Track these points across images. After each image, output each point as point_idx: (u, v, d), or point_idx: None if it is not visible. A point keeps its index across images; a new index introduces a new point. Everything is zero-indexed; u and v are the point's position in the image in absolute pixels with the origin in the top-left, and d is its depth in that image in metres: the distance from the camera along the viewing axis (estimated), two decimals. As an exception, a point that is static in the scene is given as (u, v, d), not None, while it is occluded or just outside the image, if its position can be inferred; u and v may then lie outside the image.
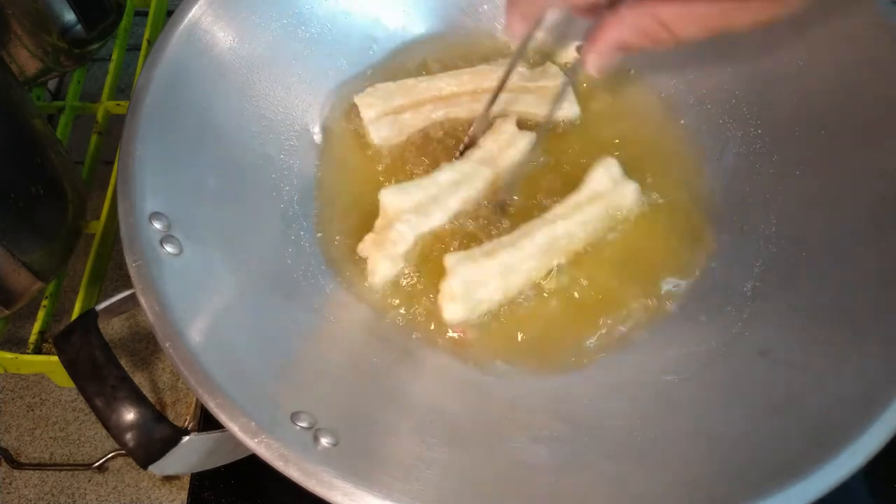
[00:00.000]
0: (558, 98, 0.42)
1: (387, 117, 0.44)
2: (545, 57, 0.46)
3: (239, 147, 0.40)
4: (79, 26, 0.46)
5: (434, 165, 0.42)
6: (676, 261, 0.41)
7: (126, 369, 0.32)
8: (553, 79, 0.45)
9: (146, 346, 0.49)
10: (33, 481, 0.45)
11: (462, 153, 0.42)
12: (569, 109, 0.44)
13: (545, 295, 0.39)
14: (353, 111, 0.44)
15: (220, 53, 0.40)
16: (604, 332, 0.39)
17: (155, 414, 0.31)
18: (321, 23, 0.44)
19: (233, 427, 0.28)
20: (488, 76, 0.44)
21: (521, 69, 0.45)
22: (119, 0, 0.50)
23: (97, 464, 0.44)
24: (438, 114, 0.44)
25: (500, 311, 0.39)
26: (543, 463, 0.33)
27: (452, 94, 0.44)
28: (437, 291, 0.38)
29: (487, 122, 0.42)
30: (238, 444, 0.28)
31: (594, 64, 0.32)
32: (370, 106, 0.43)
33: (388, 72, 0.46)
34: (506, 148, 0.42)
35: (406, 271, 0.39)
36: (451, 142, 0.44)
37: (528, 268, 0.39)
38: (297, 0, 0.43)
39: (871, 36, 0.38)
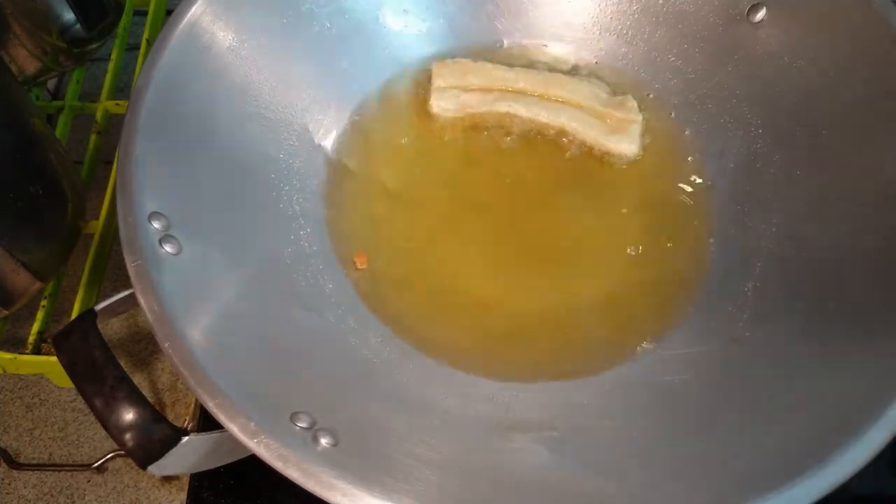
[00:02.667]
0: (621, 132, 0.42)
1: (453, 90, 0.44)
2: (628, 88, 0.46)
3: (239, 147, 0.40)
4: (78, 26, 0.46)
5: (474, 152, 0.44)
6: (677, 262, 0.41)
7: (125, 370, 0.31)
8: (627, 112, 0.44)
9: (146, 346, 0.49)
10: (32, 482, 0.45)
11: None
12: (628, 147, 0.43)
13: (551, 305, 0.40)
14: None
15: (220, 53, 0.40)
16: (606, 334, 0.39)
17: (154, 414, 0.31)
18: (321, 22, 0.44)
19: (232, 427, 0.28)
20: (564, 85, 0.45)
21: (600, 92, 0.44)
22: (118, 0, 0.50)
23: (96, 464, 0.44)
24: (501, 105, 0.44)
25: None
26: (544, 463, 0.33)
27: (522, 90, 0.45)
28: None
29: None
30: (237, 444, 0.28)
31: None
32: (442, 76, 0.44)
33: (389, 73, 0.46)
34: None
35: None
36: (500, 134, 0.45)
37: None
38: (297, 0, 0.43)
39: (871, 36, 0.38)
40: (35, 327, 0.42)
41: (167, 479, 0.44)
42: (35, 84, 0.51)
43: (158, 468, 0.31)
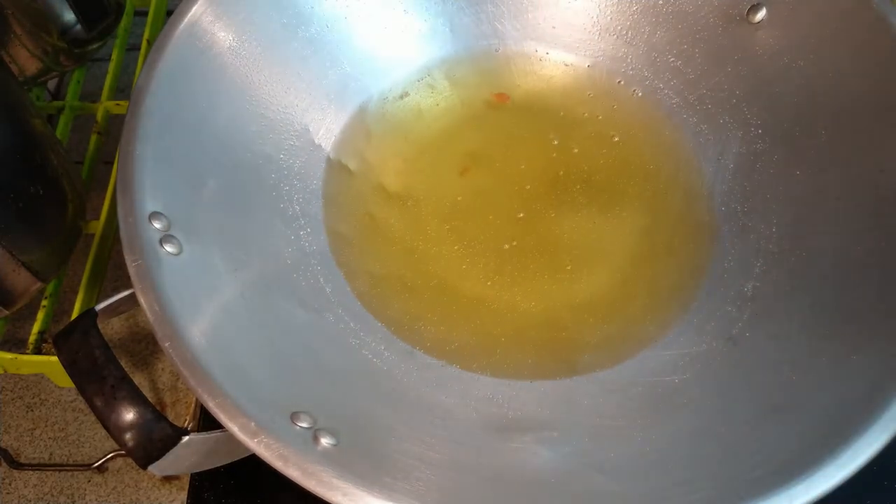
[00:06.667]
0: None
1: None
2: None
3: (239, 147, 0.40)
4: (78, 26, 0.46)
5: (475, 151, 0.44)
6: (677, 262, 0.41)
7: (126, 369, 0.31)
8: None
9: (146, 346, 0.49)
10: (33, 481, 0.45)
11: None
12: None
13: (551, 305, 0.40)
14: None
15: (220, 53, 0.40)
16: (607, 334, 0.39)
17: (154, 414, 0.31)
18: (321, 23, 0.44)
19: (232, 427, 0.28)
20: None
21: None
22: (119, 0, 0.50)
23: (97, 464, 0.44)
24: None
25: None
26: (545, 464, 0.33)
27: None
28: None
29: None
30: (238, 444, 0.28)
31: None
32: None
33: (389, 73, 0.46)
34: None
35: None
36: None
37: None
38: (298, 0, 0.43)
39: (871, 36, 0.38)
40: (36, 327, 0.42)
41: (167, 479, 0.44)
42: (35, 84, 0.51)
43: (159, 468, 0.31)
